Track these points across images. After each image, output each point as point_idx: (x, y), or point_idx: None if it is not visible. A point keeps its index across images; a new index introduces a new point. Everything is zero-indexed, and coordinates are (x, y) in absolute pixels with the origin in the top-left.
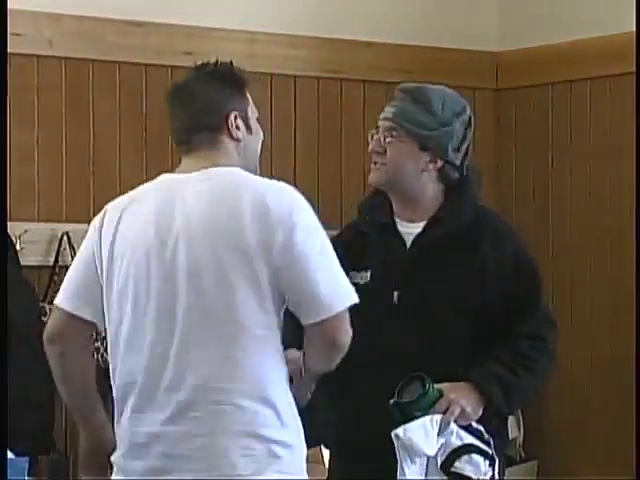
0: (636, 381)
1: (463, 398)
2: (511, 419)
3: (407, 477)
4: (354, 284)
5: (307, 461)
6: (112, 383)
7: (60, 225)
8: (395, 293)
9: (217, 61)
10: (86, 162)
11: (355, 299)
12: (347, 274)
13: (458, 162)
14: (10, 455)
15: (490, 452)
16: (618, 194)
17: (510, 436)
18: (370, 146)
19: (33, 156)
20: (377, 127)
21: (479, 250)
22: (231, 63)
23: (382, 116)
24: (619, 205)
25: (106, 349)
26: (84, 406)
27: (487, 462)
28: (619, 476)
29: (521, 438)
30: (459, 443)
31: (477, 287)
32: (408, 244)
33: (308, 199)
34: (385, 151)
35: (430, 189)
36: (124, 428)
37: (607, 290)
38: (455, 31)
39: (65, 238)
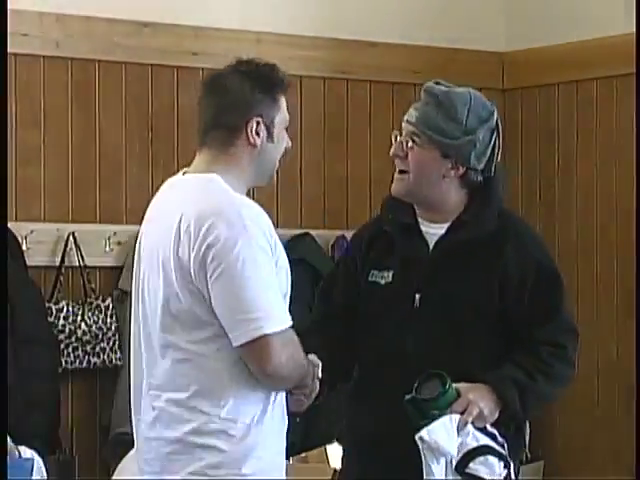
0: (636, 381)
1: (481, 400)
2: None
3: (435, 477)
4: (374, 283)
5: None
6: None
7: (66, 225)
8: (417, 295)
9: (259, 61)
10: (92, 162)
11: (287, 325)
12: (368, 272)
13: (482, 167)
14: (33, 454)
15: (505, 454)
16: (624, 194)
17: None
18: (392, 149)
19: (39, 156)
20: (400, 128)
21: (502, 255)
22: (274, 66)
23: (406, 118)
24: (625, 205)
25: (111, 349)
26: None
27: (502, 464)
28: (624, 476)
29: (527, 438)
30: (475, 444)
31: (499, 291)
32: (431, 246)
33: (314, 199)
34: (407, 156)
35: (452, 194)
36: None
37: (613, 290)
38: (461, 31)
39: (71, 238)
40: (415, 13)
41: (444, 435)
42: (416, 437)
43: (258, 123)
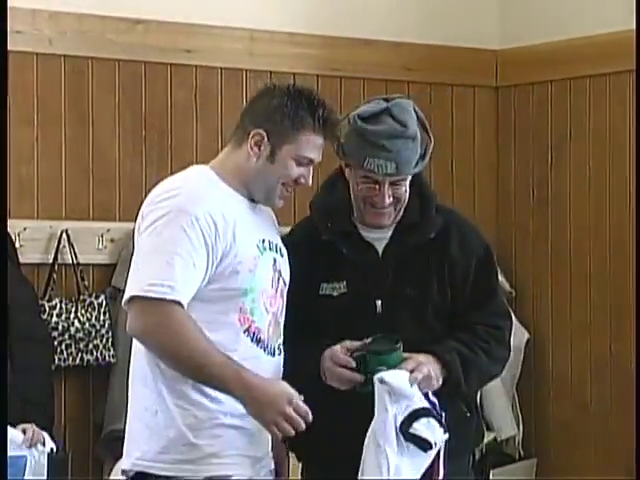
0: (636, 381)
1: (429, 363)
2: (510, 417)
3: (390, 415)
4: (327, 296)
5: None
6: None
7: (59, 223)
8: (378, 302)
9: (315, 95)
10: (85, 160)
11: (148, 294)
12: (318, 286)
13: None
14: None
15: (444, 423)
16: (618, 191)
17: (508, 434)
18: (378, 201)
19: (32, 154)
20: (369, 178)
21: (447, 252)
22: (321, 106)
23: (381, 172)
24: (619, 202)
25: (105, 346)
26: None
27: (442, 430)
28: (617, 474)
29: (520, 436)
30: (421, 404)
31: (449, 289)
32: (380, 251)
33: (307, 196)
34: (394, 197)
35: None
36: None
37: (607, 288)
38: (455, 29)
39: (64, 236)
40: (408, 11)
41: (404, 382)
42: (375, 378)
43: (262, 137)
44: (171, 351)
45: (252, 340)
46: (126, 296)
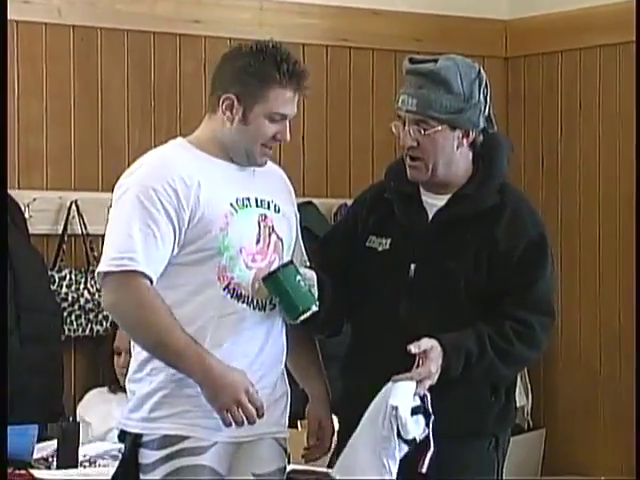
0: (636, 381)
1: (435, 367)
2: (519, 387)
3: (393, 431)
4: (372, 249)
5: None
6: None
7: (69, 193)
8: (412, 265)
9: (278, 50)
10: (94, 130)
11: (110, 269)
12: (366, 237)
13: (485, 125)
14: None
15: (429, 412)
16: (627, 162)
17: (517, 404)
18: (401, 141)
19: (42, 124)
20: (399, 116)
21: (495, 229)
22: (286, 59)
23: (404, 107)
24: (629, 173)
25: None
26: None
27: (424, 422)
28: (626, 445)
29: (529, 407)
30: (414, 404)
31: (487, 266)
32: (430, 216)
33: (317, 168)
34: (418, 143)
35: (462, 163)
36: None
37: (616, 258)
38: None
39: (74, 207)
40: None
41: (408, 401)
42: (390, 404)
43: (232, 101)
44: (132, 325)
45: (232, 296)
46: (99, 270)
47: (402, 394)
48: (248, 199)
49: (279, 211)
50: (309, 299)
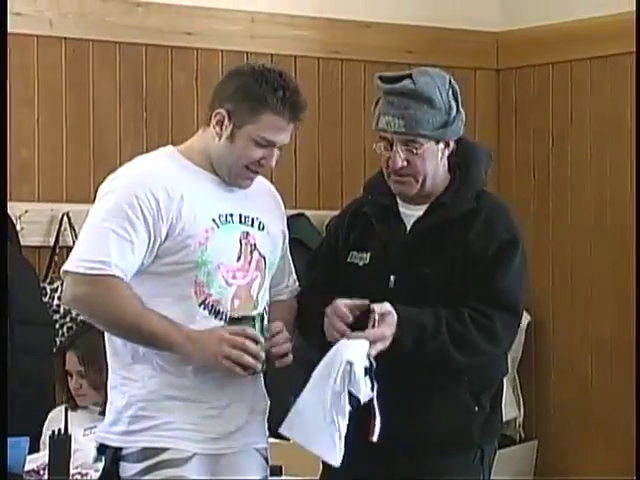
0: (636, 382)
1: (390, 332)
2: (511, 399)
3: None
4: (353, 264)
5: None
6: None
7: (60, 205)
8: (392, 277)
9: (281, 78)
10: (86, 142)
11: (77, 270)
12: (347, 253)
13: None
14: None
15: (373, 377)
16: (618, 174)
17: (509, 416)
18: (390, 162)
19: (33, 136)
20: (382, 137)
21: (467, 236)
22: (286, 88)
23: (390, 129)
24: (619, 185)
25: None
26: None
27: (370, 385)
28: (618, 457)
29: (521, 418)
30: (366, 364)
31: (460, 272)
32: (408, 227)
33: (309, 179)
34: (408, 162)
35: (442, 172)
36: None
37: (607, 270)
38: (456, 11)
39: (65, 219)
40: None
41: (362, 356)
42: (346, 360)
43: (223, 117)
44: (102, 315)
45: (210, 312)
46: (64, 268)
47: (356, 352)
48: (232, 215)
49: (263, 229)
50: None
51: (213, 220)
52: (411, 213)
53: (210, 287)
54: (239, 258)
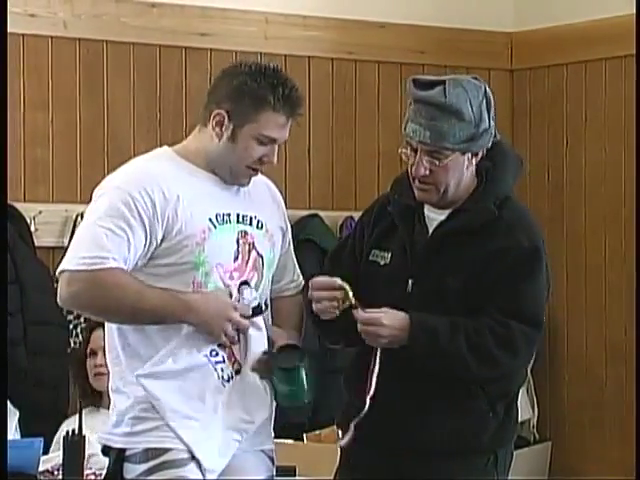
0: (636, 387)
1: (391, 328)
2: (525, 400)
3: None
4: (374, 262)
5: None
6: None
7: (74, 206)
8: (410, 280)
9: (276, 74)
10: (100, 143)
11: (72, 267)
12: (369, 251)
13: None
14: None
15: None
16: (633, 174)
17: (523, 417)
18: (413, 170)
19: (47, 137)
20: (409, 144)
21: (491, 242)
22: (284, 85)
23: (415, 138)
24: (634, 186)
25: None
26: None
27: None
28: (632, 458)
29: (535, 419)
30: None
31: (480, 283)
32: (430, 231)
33: (322, 180)
34: (431, 171)
35: (468, 180)
36: None
37: (622, 271)
38: (469, 11)
39: (79, 219)
40: None
41: None
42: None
43: (223, 117)
44: (101, 301)
45: None
46: (58, 271)
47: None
48: (229, 215)
49: (262, 227)
50: (309, 394)
51: (210, 220)
52: (435, 217)
53: (208, 287)
54: (237, 258)
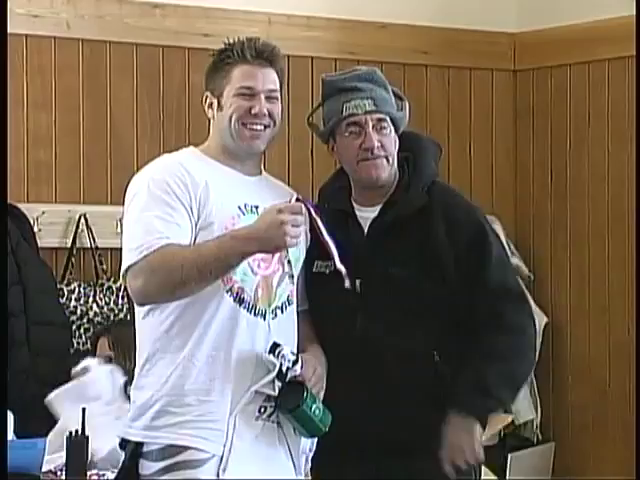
0: (636, 388)
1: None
2: (528, 400)
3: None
4: (321, 274)
5: None
6: None
7: (78, 207)
8: (357, 281)
9: (239, 38)
10: (103, 144)
11: (133, 260)
12: (312, 263)
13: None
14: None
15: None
16: (637, 176)
17: (526, 418)
18: (367, 143)
19: (50, 138)
20: (353, 122)
21: (431, 228)
22: (244, 39)
23: (360, 110)
24: (638, 187)
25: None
26: None
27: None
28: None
29: (538, 420)
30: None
31: (435, 272)
32: (366, 230)
33: (325, 180)
34: (381, 144)
35: (395, 163)
36: None
37: (625, 272)
38: (472, 12)
39: (82, 220)
40: None
41: None
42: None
43: (207, 97)
44: (167, 277)
45: (235, 300)
46: (123, 270)
47: None
48: (257, 207)
49: None
50: (322, 423)
51: (239, 208)
52: (367, 215)
53: (236, 274)
54: None
